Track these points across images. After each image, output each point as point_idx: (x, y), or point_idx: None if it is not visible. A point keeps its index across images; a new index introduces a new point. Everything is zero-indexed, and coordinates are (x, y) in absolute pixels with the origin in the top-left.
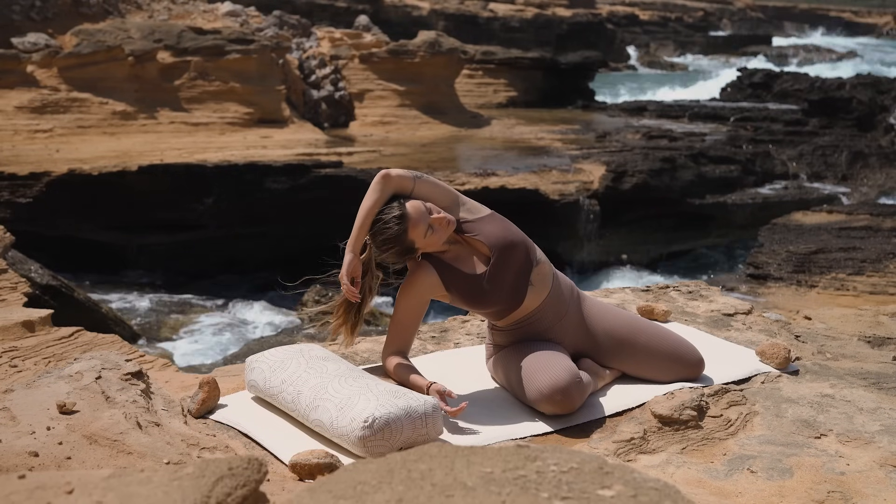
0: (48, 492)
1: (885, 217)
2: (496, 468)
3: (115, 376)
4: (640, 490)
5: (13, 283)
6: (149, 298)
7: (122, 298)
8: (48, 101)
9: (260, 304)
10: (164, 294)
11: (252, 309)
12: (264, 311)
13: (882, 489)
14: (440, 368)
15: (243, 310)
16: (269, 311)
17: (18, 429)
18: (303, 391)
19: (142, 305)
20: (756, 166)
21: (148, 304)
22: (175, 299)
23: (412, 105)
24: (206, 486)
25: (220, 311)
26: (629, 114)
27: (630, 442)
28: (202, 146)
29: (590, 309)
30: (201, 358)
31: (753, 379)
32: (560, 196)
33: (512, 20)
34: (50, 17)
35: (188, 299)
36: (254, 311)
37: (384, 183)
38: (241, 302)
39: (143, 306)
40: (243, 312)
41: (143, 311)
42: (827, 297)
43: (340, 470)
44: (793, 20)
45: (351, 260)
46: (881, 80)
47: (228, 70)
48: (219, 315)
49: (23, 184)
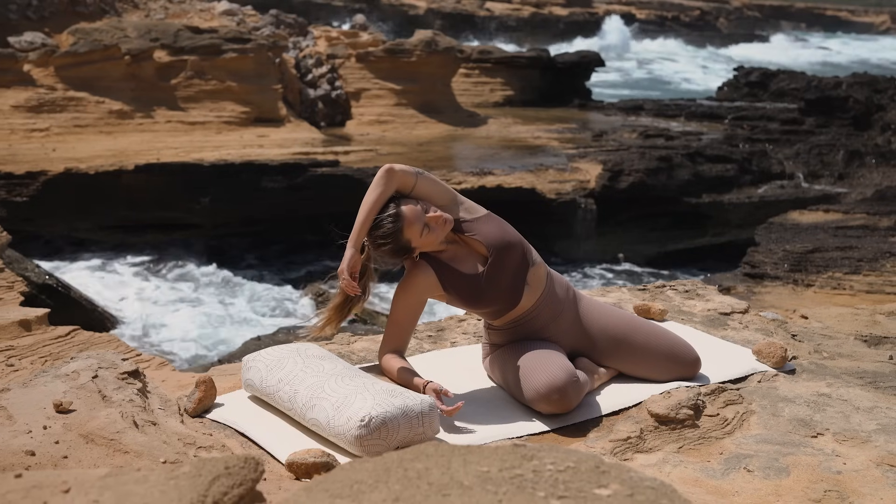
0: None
1: (882, 216)
2: (493, 467)
3: (112, 375)
4: (636, 489)
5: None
6: (146, 297)
7: (119, 297)
8: (45, 100)
9: (257, 304)
10: (161, 293)
11: (249, 308)
12: (261, 310)
13: (878, 488)
14: (437, 367)
15: (240, 309)
16: (266, 310)
17: (15, 428)
18: (299, 390)
19: (139, 304)
20: (752, 165)
21: (145, 304)
22: (173, 298)
23: (409, 104)
24: (202, 485)
25: (218, 310)
26: (626, 112)
27: (627, 441)
28: (199, 145)
29: (586, 308)
30: (198, 357)
31: (750, 378)
32: (557, 195)
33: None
34: (46, 15)
35: (186, 298)
36: (251, 309)
37: (388, 178)
38: (238, 301)
39: (141, 305)
40: (240, 311)
41: (140, 310)
42: (823, 296)
43: (337, 469)
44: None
45: (352, 255)
46: (878, 78)
47: (225, 69)
48: (215, 313)
49: (19, 183)
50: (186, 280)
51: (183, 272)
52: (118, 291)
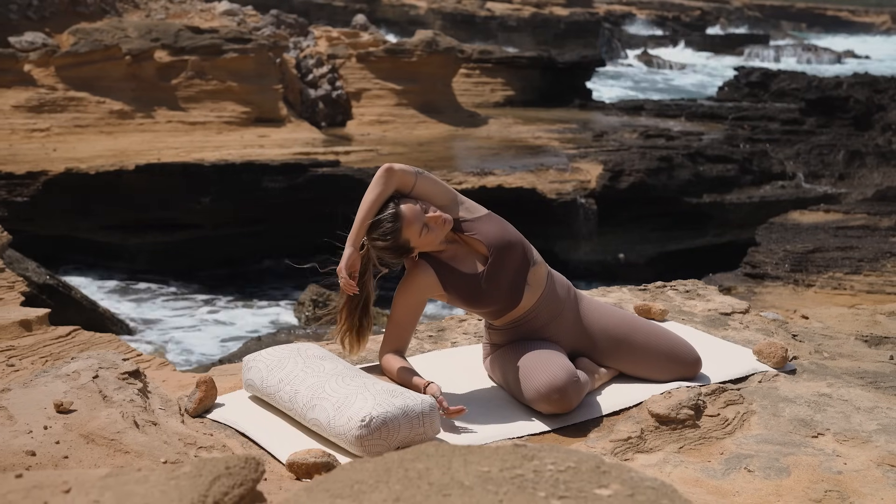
0: (45, 491)
1: (883, 216)
2: (493, 467)
3: (113, 375)
4: (637, 489)
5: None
6: (146, 297)
7: (119, 297)
8: (45, 100)
9: (257, 304)
10: (161, 293)
11: (249, 308)
12: (262, 310)
13: (879, 488)
14: (437, 367)
15: (241, 309)
16: (266, 310)
17: (16, 428)
18: (300, 390)
19: (139, 304)
20: (753, 165)
21: (145, 304)
22: (173, 298)
23: (409, 104)
24: (203, 485)
25: (218, 310)
26: (626, 113)
27: (627, 441)
28: (199, 145)
29: (586, 308)
30: (198, 357)
31: (751, 378)
32: (557, 195)
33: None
34: (47, 16)
35: (186, 298)
36: (251, 310)
37: (387, 177)
38: (238, 301)
39: (141, 305)
40: (241, 312)
41: (140, 311)
42: (824, 297)
43: (337, 469)
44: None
45: (351, 254)
46: (878, 79)
47: (225, 69)
48: (216, 314)
49: (20, 183)
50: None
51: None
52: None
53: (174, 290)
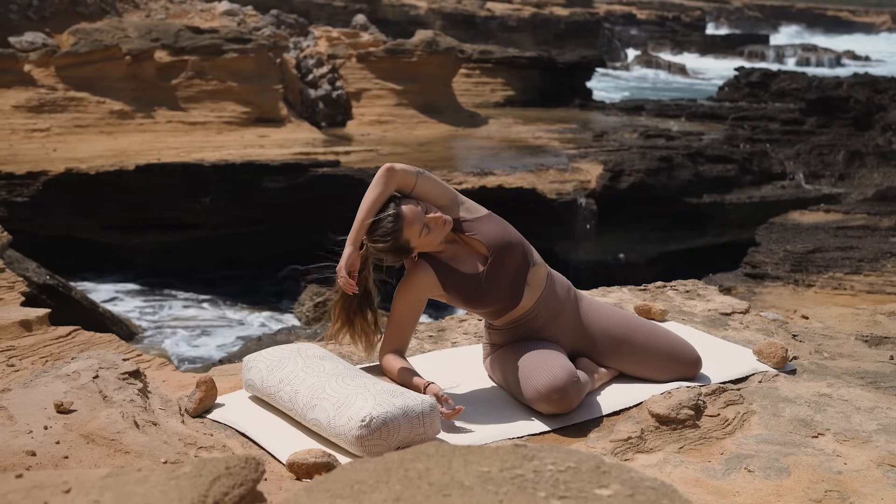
0: (45, 491)
1: (883, 216)
2: (493, 467)
3: (113, 375)
4: (637, 489)
5: (10, 283)
6: (146, 298)
7: (119, 297)
8: (45, 100)
9: (257, 304)
10: (161, 293)
11: (250, 308)
12: (262, 311)
13: (879, 488)
14: (437, 367)
15: (241, 309)
16: (266, 311)
17: (16, 428)
18: (300, 390)
19: (139, 304)
20: (753, 165)
21: (145, 304)
22: (173, 298)
23: (409, 104)
24: (203, 485)
25: (218, 310)
26: (626, 113)
27: (627, 441)
28: (199, 145)
29: (587, 308)
30: (198, 357)
31: (751, 378)
32: (557, 195)
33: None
34: (47, 16)
35: (186, 298)
36: (251, 310)
37: (388, 177)
38: (238, 301)
39: (141, 305)
40: (241, 312)
41: (140, 311)
42: (824, 297)
43: (338, 469)
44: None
45: (350, 253)
46: (878, 79)
47: (226, 69)
48: (216, 314)
49: (20, 183)
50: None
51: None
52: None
53: (174, 290)
